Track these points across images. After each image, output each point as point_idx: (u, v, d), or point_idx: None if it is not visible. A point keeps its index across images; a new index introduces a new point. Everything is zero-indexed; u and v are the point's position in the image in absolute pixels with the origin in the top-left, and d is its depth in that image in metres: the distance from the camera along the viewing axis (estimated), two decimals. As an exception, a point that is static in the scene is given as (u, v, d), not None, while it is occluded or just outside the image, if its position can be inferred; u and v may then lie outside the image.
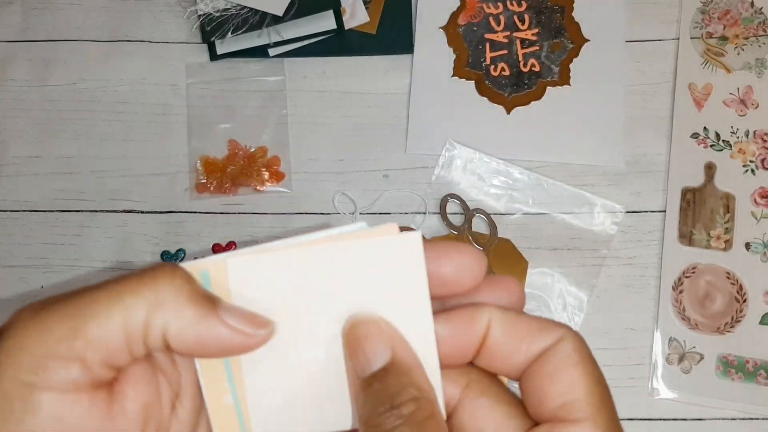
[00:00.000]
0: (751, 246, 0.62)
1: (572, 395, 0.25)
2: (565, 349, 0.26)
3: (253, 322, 0.26)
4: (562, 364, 0.26)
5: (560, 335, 0.26)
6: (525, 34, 0.66)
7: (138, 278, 0.25)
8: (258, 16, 0.64)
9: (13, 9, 0.68)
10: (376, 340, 0.26)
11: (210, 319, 0.25)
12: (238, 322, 0.26)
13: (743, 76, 0.65)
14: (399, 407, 0.25)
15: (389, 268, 0.27)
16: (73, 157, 0.65)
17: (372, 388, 0.25)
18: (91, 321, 0.24)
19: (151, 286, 0.25)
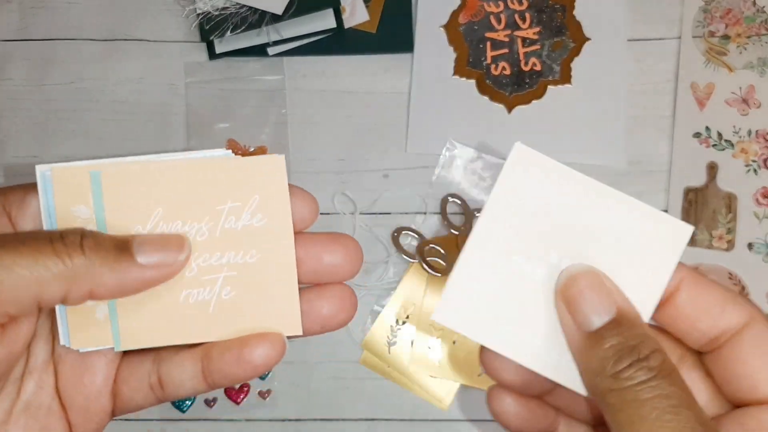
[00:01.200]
0: (754, 246, 0.61)
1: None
2: (765, 332, 0.26)
3: (167, 247, 0.27)
4: (757, 347, 0.26)
5: (752, 313, 0.26)
6: (526, 33, 0.66)
7: (50, 247, 0.26)
8: (257, 15, 0.64)
9: (11, 8, 0.68)
10: (602, 292, 0.26)
11: (128, 269, 0.26)
12: (155, 256, 0.27)
13: (745, 75, 0.64)
14: (647, 359, 0.24)
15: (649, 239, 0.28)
16: (71, 156, 0.64)
17: (606, 341, 0.25)
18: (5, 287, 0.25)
19: (63, 257, 0.26)
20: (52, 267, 0.25)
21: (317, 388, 0.61)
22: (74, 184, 0.28)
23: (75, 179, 0.28)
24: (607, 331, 0.25)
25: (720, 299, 0.27)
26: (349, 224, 0.63)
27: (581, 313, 0.26)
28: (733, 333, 0.27)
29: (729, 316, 0.27)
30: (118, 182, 0.28)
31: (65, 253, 0.26)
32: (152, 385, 0.30)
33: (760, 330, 0.26)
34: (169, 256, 0.28)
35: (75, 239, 0.26)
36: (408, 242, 0.62)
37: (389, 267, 0.62)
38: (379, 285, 0.62)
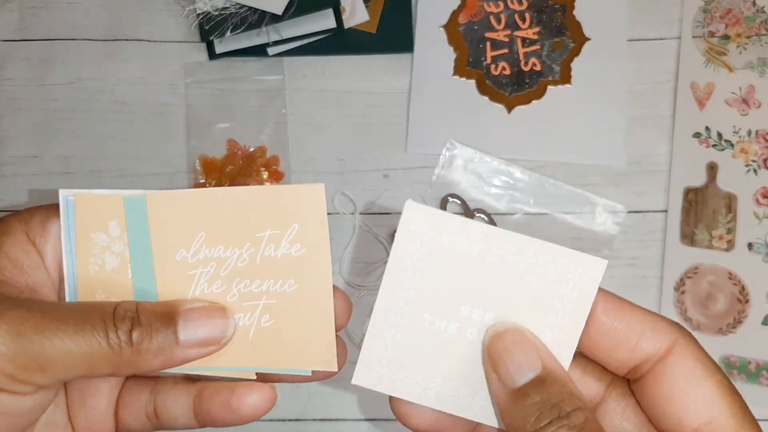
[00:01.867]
0: (754, 246, 0.61)
1: (714, 412, 0.25)
2: (688, 358, 0.25)
3: (212, 326, 0.28)
4: (693, 377, 0.25)
5: (674, 338, 0.26)
6: (526, 33, 0.66)
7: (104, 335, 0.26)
8: (257, 15, 0.64)
9: (11, 8, 0.68)
10: (526, 350, 0.26)
11: (173, 354, 0.27)
12: (197, 333, 0.27)
13: (745, 75, 0.64)
14: (568, 417, 0.24)
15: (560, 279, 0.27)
16: (71, 156, 0.65)
17: (529, 399, 0.25)
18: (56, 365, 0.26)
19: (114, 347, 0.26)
20: (104, 354, 0.26)
21: (317, 388, 0.61)
22: (95, 210, 0.29)
23: (97, 206, 0.29)
24: (531, 389, 0.25)
25: (638, 326, 0.26)
26: (349, 224, 0.63)
27: (506, 370, 0.26)
28: (656, 361, 0.26)
29: (648, 343, 0.26)
30: (163, 207, 0.29)
31: (117, 343, 0.26)
32: (149, 415, 0.30)
33: (684, 356, 0.26)
34: (215, 334, 0.28)
35: (126, 329, 0.26)
36: (408, 242, 0.62)
37: (389, 267, 0.62)
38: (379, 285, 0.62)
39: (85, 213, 0.29)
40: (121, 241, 0.29)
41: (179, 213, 0.28)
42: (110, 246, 0.29)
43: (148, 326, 0.27)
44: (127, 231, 0.29)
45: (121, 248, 0.29)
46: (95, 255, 0.29)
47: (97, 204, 0.29)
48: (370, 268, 0.62)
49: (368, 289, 0.62)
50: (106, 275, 0.29)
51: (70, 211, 0.29)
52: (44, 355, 0.25)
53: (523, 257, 0.27)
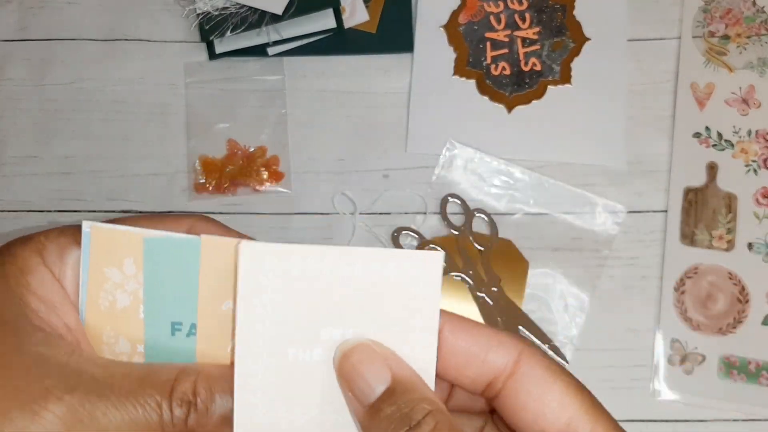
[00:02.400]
0: (754, 246, 0.61)
1: (570, 411, 0.25)
2: (534, 366, 0.26)
3: None
4: (542, 384, 0.26)
5: (519, 349, 0.26)
6: (526, 33, 0.66)
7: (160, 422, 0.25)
8: (257, 15, 0.64)
9: (11, 8, 0.68)
10: (374, 364, 0.26)
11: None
12: None
13: (745, 75, 0.64)
14: (420, 426, 0.24)
15: (405, 281, 0.27)
16: (71, 156, 0.65)
17: (382, 413, 0.25)
18: None
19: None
20: (148, 427, 0.25)
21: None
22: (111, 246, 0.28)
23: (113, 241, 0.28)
24: (383, 402, 0.25)
25: (484, 342, 0.26)
26: (349, 224, 0.63)
27: (358, 388, 0.26)
28: (507, 375, 0.26)
29: (495, 357, 0.26)
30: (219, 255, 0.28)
31: (170, 425, 0.25)
32: None
33: (531, 365, 0.26)
34: None
35: (183, 412, 0.25)
36: (408, 242, 0.62)
37: (389, 267, 0.62)
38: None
39: (101, 247, 0.28)
40: (135, 281, 0.28)
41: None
42: (123, 284, 0.28)
43: (203, 414, 0.26)
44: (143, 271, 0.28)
45: (135, 287, 0.28)
46: (106, 291, 0.28)
47: (114, 239, 0.28)
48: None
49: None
50: (116, 312, 0.28)
51: (86, 243, 0.28)
52: (95, 413, 0.24)
53: (366, 269, 0.27)
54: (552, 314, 0.60)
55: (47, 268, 0.28)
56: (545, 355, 0.27)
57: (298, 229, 0.63)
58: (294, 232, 0.63)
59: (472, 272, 0.60)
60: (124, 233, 0.28)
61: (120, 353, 0.28)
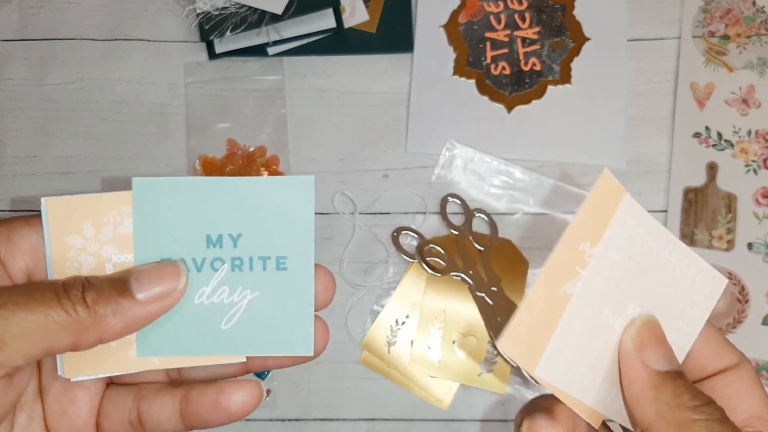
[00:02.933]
0: (754, 246, 0.61)
1: (759, 410, 0.29)
2: (751, 371, 0.31)
3: (164, 279, 0.28)
4: (754, 383, 0.30)
5: (741, 357, 0.31)
6: (526, 33, 0.66)
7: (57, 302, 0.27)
8: (257, 15, 0.63)
9: (11, 8, 0.68)
10: (670, 345, 0.29)
11: (130, 310, 0.27)
12: (154, 290, 0.28)
13: (745, 75, 0.64)
14: (711, 405, 0.27)
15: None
16: (71, 156, 0.65)
17: (677, 382, 0.27)
18: (16, 341, 0.26)
19: (70, 311, 0.27)
20: (60, 321, 0.26)
21: (317, 388, 0.61)
22: (68, 214, 0.29)
23: (68, 210, 0.29)
24: (678, 376, 0.28)
25: (722, 348, 0.31)
26: (348, 224, 0.63)
27: (655, 353, 0.28)
28: (723, 370, 0.30)
29: (719, 362, 0.31)
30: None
31: (71, 306, 0.26)
32: (132, 422, 0.31)
33: (748, 371, 0.30)
34: (168, 287, 0.28)
35: (77, 292, 0.27)
36: (408, 242, 0.62)
37: (389, 267, 0.62)
38: (379, 285, 0.62)
39: (59, 218, 0.29)
40: (96, 241, 0.29)
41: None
42: (85, 247, 0.29)
43: (100, 288, 0.27)
44: (134, 218, 0.29)
45: (97, 248, 0.29)
46: (71, 258, 0.29)
47: (69, 207, 0.29)
48: (370, 268, 0.62)
49: (368, 288, 0.62)
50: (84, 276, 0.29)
51: (45, 217, 0.29)
52: (2, 332, 0.25)
53: (671, 255, 0.29)
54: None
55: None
56: (753, 367, 0.31)
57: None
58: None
59: (472, 272, 0.60)
60: (77, 200, 0.29)
61: None
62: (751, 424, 0.29)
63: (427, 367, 0.60)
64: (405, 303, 0.61)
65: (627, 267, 0.28)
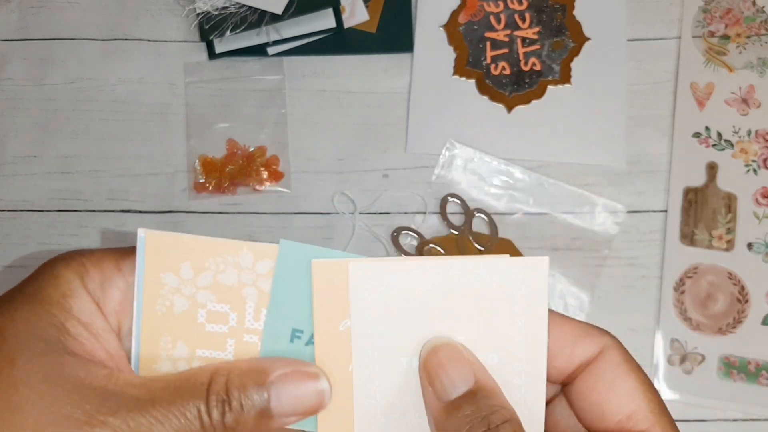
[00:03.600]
0: (753, 246, 0.61)
1: (634, 405, 0.27)
2: (614, 358, 0.27)
3: (305, 404, 0.27)
4: (617, 375, 0.27)
5: (604, 342, 0.27)
6: (526, 33, 0.66)
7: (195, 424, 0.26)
8: (257, 15, 0.63)
9: (11, 8, 0.68)
10: (460, 364, 0.27)
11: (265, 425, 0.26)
12: (293, 415, 0.27)
13: (745, 75, 0.64)
14: (497, 429, 0.25)
15: (511, 288, 0.27)
16: (70, 156, 0.65)
17: (461, 411, 0.26)
18: None
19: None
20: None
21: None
22: (166, 251, 0.28)
23: (168, 246, 0.28)
24: (463, 402, 0.26)
25: (571, 335, 0.28)
26: (348, 224, 0.63)
27: (440, 383, 0.27)
28: (586, 364, 0.27)
29: (582, 349, 0.27)
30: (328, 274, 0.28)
31: (209, 425, 0.26)
32: None
33: (610, 360, 0.27)
34: (312, 407, 0.27)
35: (218, 419, 0.26)
36: (408, 242, 0.62)
37: (389, 267, 0.62)
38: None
39: (156, 253, 0.28)
40: (193, 285, 0.28)
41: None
42: (180, 288, 0.28)
43: (239, 410, 0.26)
44: (275, 271, 0.28)
45: (192, 291, 0.28)
46: (162, 296, 0.28)
47: (168, 244, 0.28)
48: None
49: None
50: (173, 317, 0.28)
51: (141, 249, 0.28)
52: (140, 430, 0.24)
53: (469, 277, 0.27)
54: (552, 314, 0.60)
55: (88, 294, 0.28)
56: (627, 352, 0.28)
57: (297, 228, 0.63)
58: (294, 232, 0.63)
59: (472, 272, 0.60)
60: (179, 238, 0.28)
61: (178, 358, 0.28)
62: (623, 428, 0.26)
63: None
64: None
65: (402, 314, 0.28)
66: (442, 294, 0.27)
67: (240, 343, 0.28)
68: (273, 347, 0.28)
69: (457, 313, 0.28)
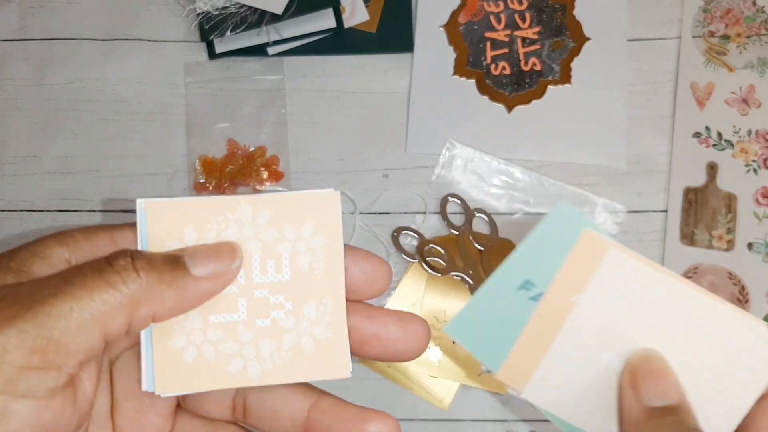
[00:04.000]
0: (754, 246, 0.61)
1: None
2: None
3: (220, 255, 0.27)
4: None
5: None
6: (526, 33, 0.66)
7: (102, 279, 0.25)
8: (257, 15, 0.64)
9: (11, 8, 0.68)
10: (671, 378, 0.28)
11: (185, 284, 0.26)
12: (209, 266, 0.27)
13: (745, 75, 0.64)
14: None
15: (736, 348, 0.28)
16: (71, 156, 0.65)
17: (664, 418, 0.27)
18: (70, 335, 0.24)
19: (118, 286, 0.25)
20: (110, 299, 0.24)
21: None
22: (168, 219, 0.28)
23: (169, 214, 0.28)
24: (667, 411, 0.28)
25: None
26: (349, 224, 0.63)
27: (647, 390, 0.28)
28: None
29: None
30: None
31: (120, 280, 0.25)
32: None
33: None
34: (223, 264, 0.27)
35: (126, 263, 0.25)
36: (408, 242, 0.62)
37: (389, 267, 0.62)
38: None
39: (156, 222, 0.28)
40: None
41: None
42: None
43: (152, 260, 0.26)
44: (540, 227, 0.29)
45: None
46: None
47: (169, 211, 0.28)
48: (370, 268, 0.62)
49: (368, 288, 0.62)
50: None
51: (142, 220, 0.28)
52: (52, 329, 0.23)
53: (704, 316, 0.28)
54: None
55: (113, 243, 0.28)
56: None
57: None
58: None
59: (472, 272, 0.60)
60: (179, 204, 0.28)
61: (192, 329, 0.28)
62: None
63: (427, 367, 0.60)
64: (405, 303, 0.61)
65: (627, 313, 0.29)
66: (671, 314, 0.28)
67: (252, 301, 0.28)
68: (499, 285, 0.30)
69: (676, 335, 0.28)
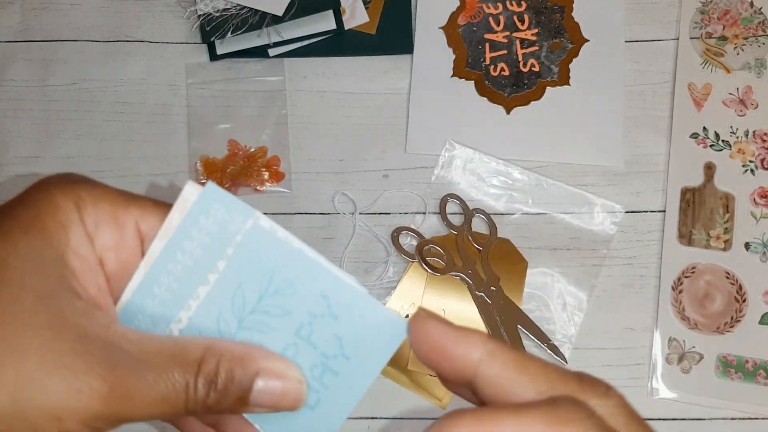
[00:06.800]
0: (751, 246, 0.62)
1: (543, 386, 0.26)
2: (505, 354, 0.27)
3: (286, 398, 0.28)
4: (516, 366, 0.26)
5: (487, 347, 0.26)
6: (525, 35, 0.66)
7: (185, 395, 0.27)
8: (258, 16, 0.64)
9: (13, 9, 0.68)
10: None
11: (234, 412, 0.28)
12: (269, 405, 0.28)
13: (743, 76, 0.65)
14: None
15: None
16: (73, 157, 0.65)
17: None
18: None
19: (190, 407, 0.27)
20: (180, 402, 0.26)
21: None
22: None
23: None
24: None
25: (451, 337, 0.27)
26: (349, 224, 0.63)
27: None
28: (477, 365, 0.26)
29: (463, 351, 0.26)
30: None
31: (194, 397, 0.27)
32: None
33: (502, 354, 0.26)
34: (281, 408, 0.28)
35: (203, 395, 0.27)
36: (407, 242, 0.62)
37: (389, 267, 0.62)
38: (379, 284, 0.62)
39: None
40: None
41: None
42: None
43: (223, 391, 0.27)
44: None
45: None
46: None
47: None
48: (370, 268, 0.63)
49: (368, 288, 0.62)
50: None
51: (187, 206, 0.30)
52: (132, 391, 0.25)
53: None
54: (550, 313, 0.61)
55: (84, 228, 0.27)
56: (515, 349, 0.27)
57: (298, 228, 0.63)
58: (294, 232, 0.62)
59: (471, 272, 0.60)
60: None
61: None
62: None
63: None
64: (405, 302, 0.61)
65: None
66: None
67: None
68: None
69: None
